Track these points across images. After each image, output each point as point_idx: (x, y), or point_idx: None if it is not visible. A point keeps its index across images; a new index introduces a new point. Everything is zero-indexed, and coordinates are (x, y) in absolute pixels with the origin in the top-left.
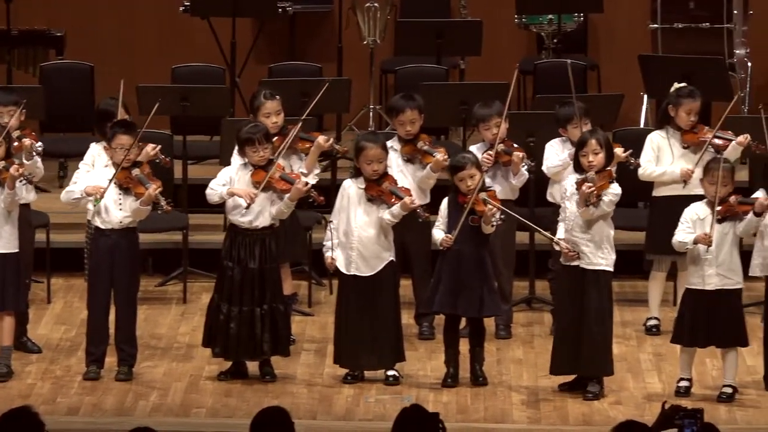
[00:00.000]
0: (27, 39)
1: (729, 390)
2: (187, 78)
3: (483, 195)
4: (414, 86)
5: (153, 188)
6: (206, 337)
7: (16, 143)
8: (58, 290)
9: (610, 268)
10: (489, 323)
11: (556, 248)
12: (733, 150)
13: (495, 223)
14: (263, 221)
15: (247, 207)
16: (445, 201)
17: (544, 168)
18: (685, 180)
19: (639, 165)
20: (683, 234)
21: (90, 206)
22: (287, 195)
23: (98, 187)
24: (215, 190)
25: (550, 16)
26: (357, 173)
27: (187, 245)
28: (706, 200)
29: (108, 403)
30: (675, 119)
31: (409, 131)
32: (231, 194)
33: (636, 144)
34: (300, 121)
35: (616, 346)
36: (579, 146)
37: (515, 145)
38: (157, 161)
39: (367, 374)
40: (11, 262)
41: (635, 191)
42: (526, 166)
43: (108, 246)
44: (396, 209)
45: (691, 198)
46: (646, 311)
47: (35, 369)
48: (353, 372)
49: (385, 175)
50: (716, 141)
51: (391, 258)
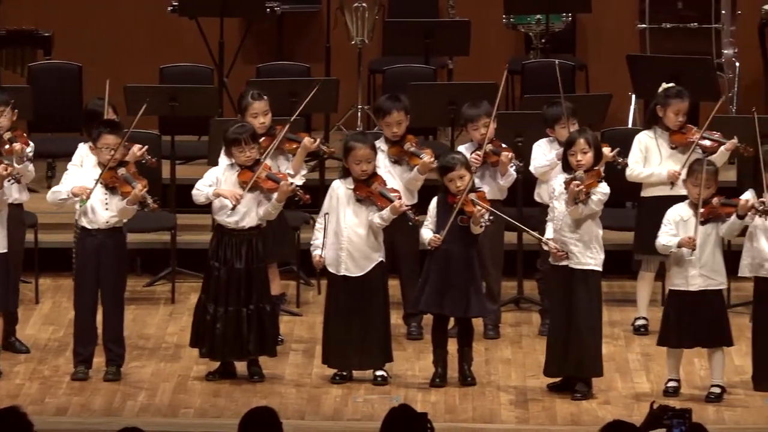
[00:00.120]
0: (15, 39)
1: (717, 390)
2: (175, 78)
3: (472, 196)
4: (402, 86)
5: (139, 187)
6: (193, 338)
7: (7, 146)
8: (47, 290)
9: (599, 268)
10: (477, 323)
11: (545, 248)
12: (721, 155)
13: (484, 224)
14: (250, 222)
15: (233, 208)
16: (434, 201)
17: (532, 168)
18: (672, 182)
19: (627, 164)
20: (667, 237)
21: (77, 206)
22: (274, 196)
23: (84, 188)
24: (201, 191)
25: (538, 16)
26: (346, 173)
27: (176, 245)
28: (689, 201)
29: (96, 404)
30: (663, 120)
31: (396, 132)
32: (217, 195)
33: (624, 144)
34: (288, 122)
35: (605, 346)
36: (567, 145)
37: (503, 146)
38: (144, 162)
39: (356, 374)
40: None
41: (623, 191)
42: (515, 167)
43: (94, 246)
44: (386, 213)
45: (679, 198)
46: (635, 311)
47: (23, 369)
48: (341, 372)
49: (374, 176)
50: (705, 143)
51: (381, 259)
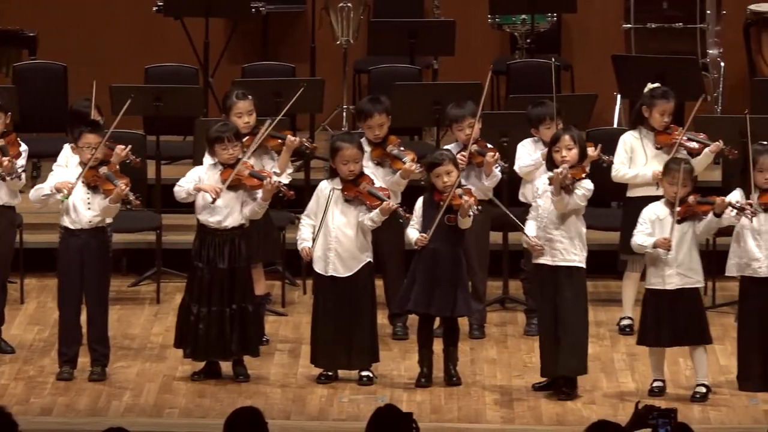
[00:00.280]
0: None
1: (702, 390)
2: (161, 78)
3: (459, 191)
4: (387, 86)
5: (121, 186)
6: (177, 338)
7: None
8: (32, 290)
9: (583, 265)
10: (463, 323)
11: (524, 244)
12: (706, 157)
13: (472, 214)
14: (232, 221)
15: (213, 201)
16: (420, 201)
17: (516, 167)
18: (658, 182)
19: (612, 162)
20: (642, 236)
21: (59, 198)
22: (259, 195)
23: (67, 183)
24: (183, 187)
25: (524, 16)
26: (333, 174)
27: (161, 245)
28: (665, 200)
29: (81, 404)
30: (649, 120)
31: (378, 135)
32: (197, 190)
33: (609, 144)
34: (272, 121)
35: (590, 346)
36: (552, 143)
37: (489, 146)
38: (128, 162)
39: (341, 374)
40: None
41: (608, 191)
42: (499, 167)
43: (78, 246)
44: (376, 214)
45: None
46: (620, 311)
47: (8, 369)
48: (327, 372)
49: (362, 175)
50: (690, 144)
51: (369, 259)
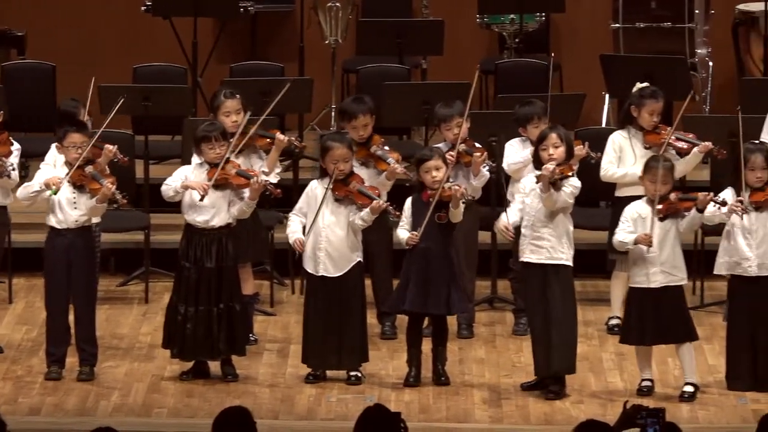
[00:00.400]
0: None
1: (690, 389)
2: (149, 78)
3: (448, 183)
4: (376, 86)
5: (108, 185)
6: (165, 339)
7: None
8: (20, 290)
9: (570, 263)
10: (451, 322)
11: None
12: (694, 156)
13: (463, 202)
14: (219, 221)
15: (201, 199)
16: (409, 201)
17: (505, 165)
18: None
19: (599, 157)
20: (624, 234)
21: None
22: (247, 194)
23: (56, 178)
24: (170, 185)
25: (512, 16)
26: (323, 173)
27: (149, 245)
28: (647, 198)
29: (70, 403)
30: (637, 120)
31: (362, 135)
32: (185, 187)
33: (597, 143)
34: (259, 121)
35: (579, 346)
36: (539, 141)
37: (477, 145)
38: (116, 161)
39: (330, 374)
40: None
41: (597, 191)
42: (487, 167)
43: (64, 246)
44: (366, 214)
45: None
46: (608, 311)
47: None
48: (315, 372)
49: (352, 174)
50: (679, 144)
51: (359, 259)
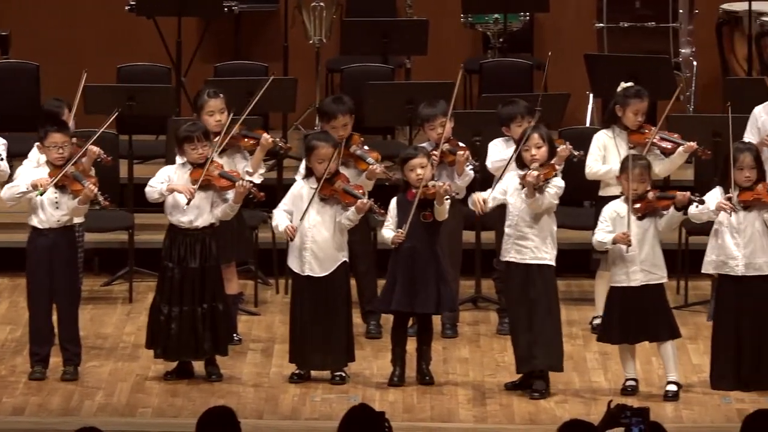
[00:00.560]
0: None
1: (674, 388)
2: (133, 77)
3: (432, 182)
4: (360, 85)
5: (90, 187)
6: (149, 339)
7: None
8: (4, 290)
9: (553, 263)
10: (435, 322)
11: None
12: (679, 156)
13: (447, 198)
14: (203, 221)
15: (188, 203)
16: (394, 201)
17: (488, 164)
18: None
19: (582, 156)
20: (602, 234)
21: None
22: (231, 197)
23: (44, 179)
24: (155, 188)
25: (496, 16)
26: (308, 173)
27: (133, 245)
28: (624, 197)
29: (54, 403)
30: (622, 119)
31: (342, 135)
32: (171, 190)
33: (581, 143)
34: (240, 119)
35: (563, 345)
36: (521, 141)
37: (461, 144)
38: (99, 160)
39: (314, 373)
40: None
41: (581, 190)
42: (471, 166)
43: (46, 246)
44: (352, 213)
45: None
46: (593, 310)
47: None
48: (300, 371)
49: (337, 174)
50: (664, 144)
51: (344, 259)
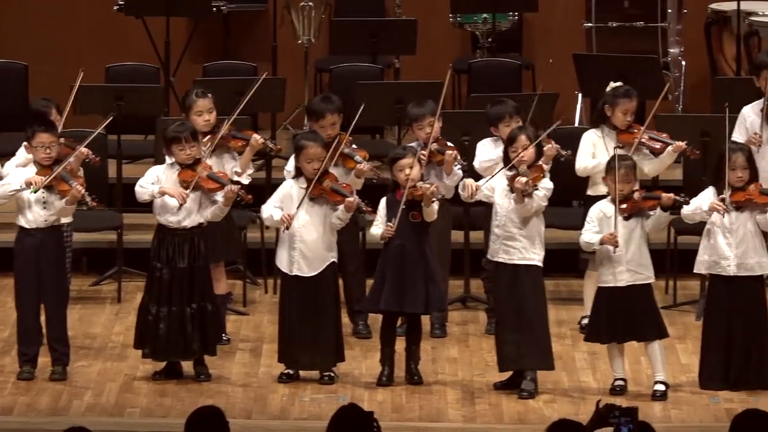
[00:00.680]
0: None
1: (662, 387)
2: (122, 77)
3: (420, 182)
4: (349, 85)
5: (78, 187)
6: (137, 339)
7: None
8: None
9: (541, 264)
10: (424, 322)
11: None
12: (668, 156)
13: (435, 199)
14: (191, 221)
15: (179, 207)
16: (383, 201)
17: (476, 164)
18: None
19: (570, 155)
20: (589, 234)
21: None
22: (220, 200)
23: (38, 177)
24: (145, 189)
25: (485, 15)
26: (298, 173)
27: (122, 245)
28: (610, 197)
29: (42, 403)
30: (611, 119)
31: (330, 134)
32: (162, 193)
33: (570, 143)
34: (230, 119)
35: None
36: (509, 142)
37: (449, 144)
38: (87, 161)
39: (303, 373)
40: None
41: (569, 190)
42: (459, 166)
43: (34, 245)
44: (341, 212)
45: None
46: (581, 310)
47: None
48: (289, 371)
49: (326, 173)
50: (652, 144)
51: (333, 259)
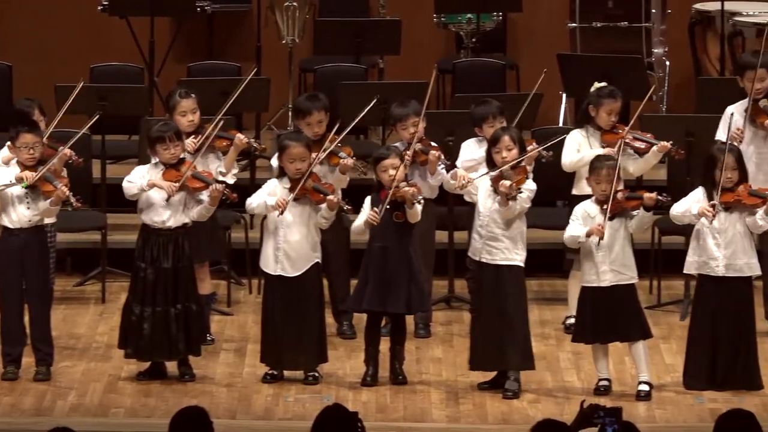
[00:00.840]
0: None
1: (646, 387)
2: (106, 77)
3: (402, 183)
4: (333, 85)
5: (63, 189)
6: (121, 339)
7: None
8: None
9: (523, 264)
10: (408, 322)
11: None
12: (653, 156)
13: (417, 203)
14: (175, 221)
15: (168, 199)
16: (368, 199)
17: (458, 163)
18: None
19: (551, 158)
20: (575, 226)
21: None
22: (206, 199)
23: (28, 172)
24: (134, 183)
25: (469, 15)
26: (281, 173)
27: (106, 245)
28: (595, 198)
29: (26, 403)
30: (595, 119)
31: (317, 132)
32: (152, 185)
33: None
34: (218, 120)
35: (536, 345)
36: (492, 143)
37: (433, 144)
38: (70, 162)
39: (287, 374)
40: None
41: (554, 190)
42: (443, 166)
43: (17, 245)
44: (325, 211)
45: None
46: (565, 310)
47: None
48: (273, 371)
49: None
50: (637, 144)
51: (317, 259)
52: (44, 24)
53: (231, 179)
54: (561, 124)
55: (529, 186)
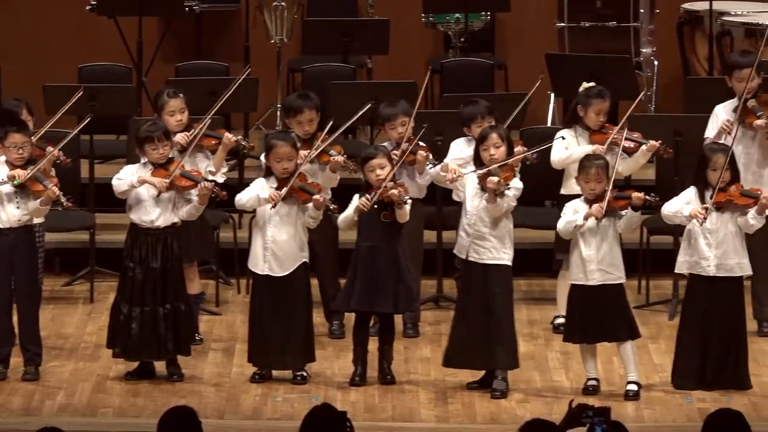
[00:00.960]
0: None
1: (634, 387)
2: (94, 77)
3: (390, 184)
4: (321, 85)
5: (53, 189)
6: (110, 339)
7: None
8: None
9: (511, 263)
10: (397, 321)
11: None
12: (642, 155)
13: (403, 203)
14: (164, 221)
15: (158, 195)
16: (356, 198)
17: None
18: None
19: (536, 160)
20: (569, 215)
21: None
22: (195, 198)
23: (21, 171)
24: (124, 179)
25: (457, 15)
26: (268, 172)
27: (94, 245)
28: (584, 198)
29: (15, 403)
30: (584, 119)
31: (308, 131)
32: (142, 182)
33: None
34: (206, 119)
35: (524, 345)
36: (480, 141)
37: (421, 144)
38: (58, 162)
39: (275, 373)
40: None
41: (542, 190)
42: (431, 165)
43: (6, 245)
44: (312, 210)
45: None
46: (554, 310)
47: None
48: (262, 371)
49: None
50: (626, 144)
51: (305, 259)
52: (32, 24)
53: (220, 178)
54: (549, 125)
55: (516, 184)
